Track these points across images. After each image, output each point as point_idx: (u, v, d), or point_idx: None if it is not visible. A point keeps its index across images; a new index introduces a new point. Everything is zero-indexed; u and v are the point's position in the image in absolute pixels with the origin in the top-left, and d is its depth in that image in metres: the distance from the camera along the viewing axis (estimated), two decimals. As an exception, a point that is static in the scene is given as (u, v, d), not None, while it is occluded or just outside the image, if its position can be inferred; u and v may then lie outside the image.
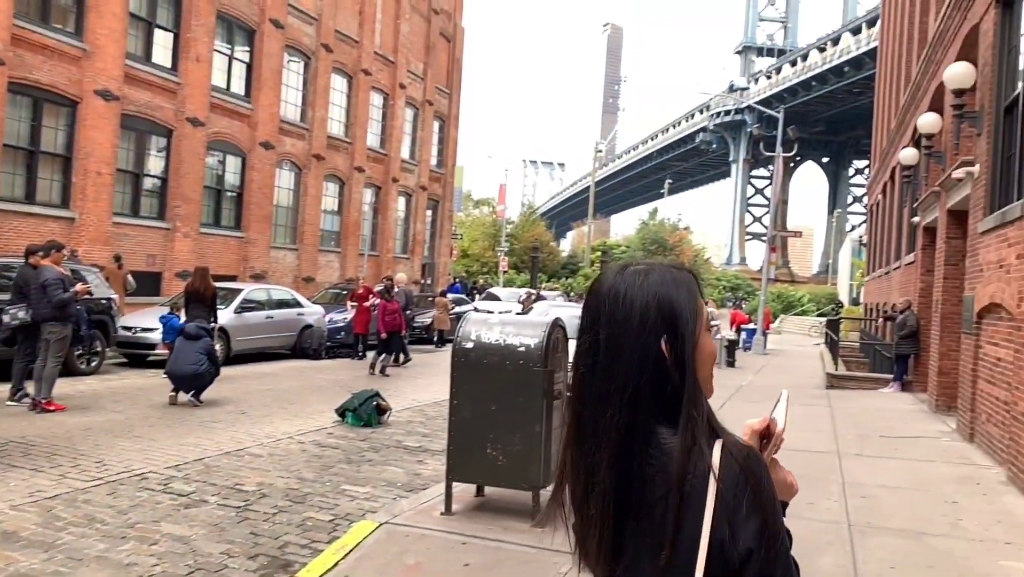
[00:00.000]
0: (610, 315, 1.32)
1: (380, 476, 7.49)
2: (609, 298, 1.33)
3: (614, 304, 1.32)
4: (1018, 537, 5.84)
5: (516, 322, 6.22)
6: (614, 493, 1.28)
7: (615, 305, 1.32)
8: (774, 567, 1.22)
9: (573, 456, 1.35)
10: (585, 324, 1.35)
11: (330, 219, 29.97)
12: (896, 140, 20.91)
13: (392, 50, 33.11)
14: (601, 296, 1.35)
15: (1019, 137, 8.60)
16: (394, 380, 14.31)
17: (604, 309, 1.33)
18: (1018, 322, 7.64)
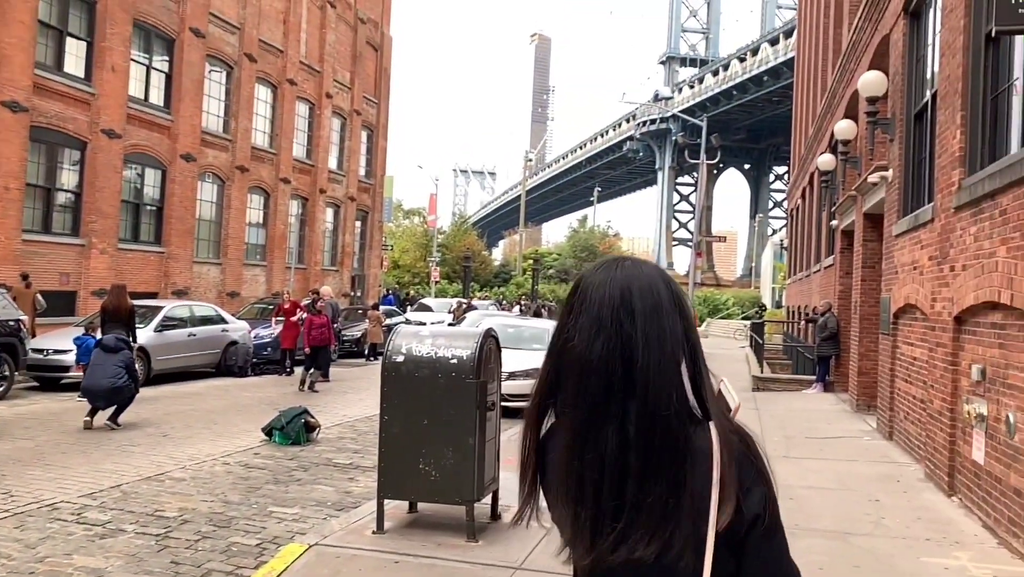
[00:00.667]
0: (645, 302, 1.36)
1: (309, 496, 7.28)
2: (630, 289, 1.37)
3: (647, 294, 1.37)
4: (937, 533, 6.02)
5: (447, 334, 6.13)
6: (633, 469, 1.30)
7: (646, 294, 1.37)
8: (775, 529, 1.33)
9: (572, 449, 1.35)
10: (606, 313, 1.35)
11: (255, 232, 29.28)
12: (814, 146, 21.61)
13: (318, 59, 32.63)
14: (609, 293, 1.37)
15: (929, 143, 8.95)
16: (324, 396, 14.00)
17: (626, 301, 1.36)
18: (932, 322, 7.92)
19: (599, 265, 1.45)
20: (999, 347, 6.07)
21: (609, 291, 1.37)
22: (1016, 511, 5.58)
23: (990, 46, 6.90)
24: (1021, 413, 5.57)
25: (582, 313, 1.37)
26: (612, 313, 1.35)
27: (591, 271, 1.43)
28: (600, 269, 1.43)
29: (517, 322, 16.94)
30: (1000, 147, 6.63)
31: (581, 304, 1.39)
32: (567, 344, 1.37)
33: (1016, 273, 5.55)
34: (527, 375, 13.02)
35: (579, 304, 1.39)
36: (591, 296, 1.38)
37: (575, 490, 1.34)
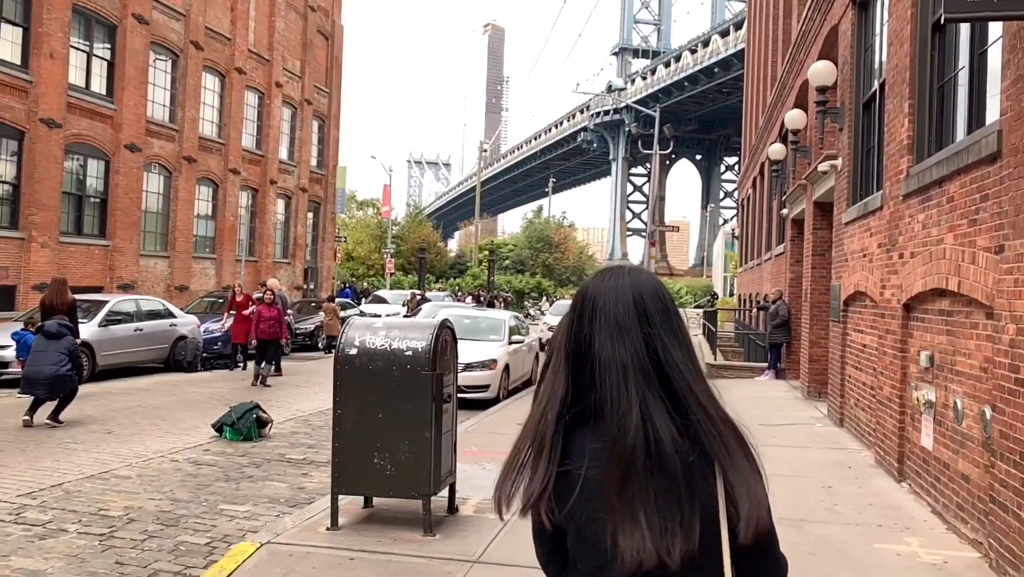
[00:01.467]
0: (657, 307, 1.49)
1: (261, 492, 7.11)
2: (642, 294, 1.49)
3: (654, 295, 1.50)
4: (888, 519, 6.12)
5: (402, 325, 6.02)
6: (663, 455, 1.38)
7: (655, 298, 1.50)
8: (768, 507, 1.45)
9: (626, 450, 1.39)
10: (625, 318, 1.46)
11: (204, 224, 28.63)
12: (764, 136, 21.89)
13: (267, 48, 31.98)
14: (623, 298, 1.48)
15: (877, 132, 9.08)
16: (277, 390, 13.75)
17: (640, 306, 1.48)
18: (881, 309, 8.05)
19: (603, 274, 1.55)
20: (946, 334, 6.18)
21: (623, 296, 1.48)
22: (964, 497, 5.69)
23: (936, 35, 7.00)
24: (968, 399, 5.67)
25: (597, 318, 1.47)
26: (629, 316, 1.46)
27: (597, 279, 1.54)
28: (607, 277, 1.53)
29: (473, 313, 16.86)
30: (947, 135, 6.74)
31: (594, 310, 1.48)
32: (589, 348, 1.46)
33: (963, 260, 5.64)
34: (483, 366, 12.96)
35: (592, 310, 1.49)
36: (605, 302, 1.48)
37: (638, 493, 1.36)
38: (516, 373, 14.37)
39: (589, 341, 1.47)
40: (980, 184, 5.39)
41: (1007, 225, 4.87)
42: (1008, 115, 4.91)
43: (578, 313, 1.51)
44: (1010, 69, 4.92)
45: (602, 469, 1.38)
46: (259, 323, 14.31)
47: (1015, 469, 4.66)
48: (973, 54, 6.05)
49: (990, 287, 5.13)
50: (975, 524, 5.47)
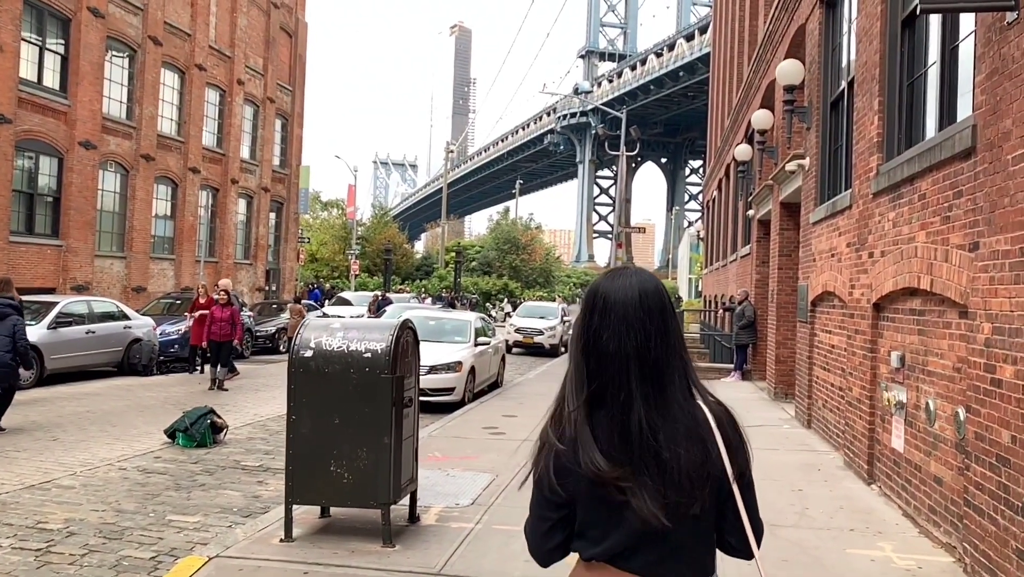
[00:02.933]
0: (656, 305, 1.71)
1: (213, 502, 6.79)
2: (646, 293, 1.71)
3: (655, 296, 1.72)
4: (860, 524, 5.99)
5: (360, 326, 5.74)
6: (675, 432, 1.64)
7: (656, 297, 1.72)
8: (752, 482, 1.71)
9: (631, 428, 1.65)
10: (631, 316, 1.68)
11: (162, 224, 27.96)
12: (730, 138, 21.93)
13: (229, 44, 31.36)
14: (630, 297, 1.70)
15: (845, 131, 9.02)
16: (234, 394, 13.35)
17: (644, 305, 1.70)
18: (850, 309, 7.96)
19: (612, 274, 1.76)
20: (918, 333, 6.08)
21: (630, 294, 1.70)
22: (936, 499, 5.59)
23: (906, 31, 6.92)
24: (941, 400, 5.57)
25: (609, 314, 1.69)
26: (635, 313, 1.68)
27: (605, 280, 1.76)
28: (616, 277, 1.74)
29: (438, 315, 16.58)
30: (917, 132, 6.65)
31: (605, 307, 1.70)
32: (598, 340, 1.69)
33: (936, 258, 5.54)
34: (448, 368, 12.70)
35: (603, 307, 1.70)
36: (615, 300, 1.70)
37: (640, 466, 1.62)
38: (482, 376, 14.13)
39: (598, 334, 1.70)
40: (953, 180, 5.29)
41: (982, 222, 4.76)
42: (983, 109, 4.81)
43: (590, 309, 1.73)
44: (985, 62, 4.81)
45: (611, 446, 1.63)
46: (211, 324, 13.88)
47: (991, 472, 4.54)
48: (944, 50, 5.96)
49: (964, 285, 5.02)
50: (948, 527, 5.36)
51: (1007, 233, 4.42)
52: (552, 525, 1.71)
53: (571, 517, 1.70)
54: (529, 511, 1.77)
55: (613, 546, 1.65)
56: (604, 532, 1.66)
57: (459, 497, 6.53)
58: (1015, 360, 4.28)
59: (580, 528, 1.70)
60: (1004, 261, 4.44)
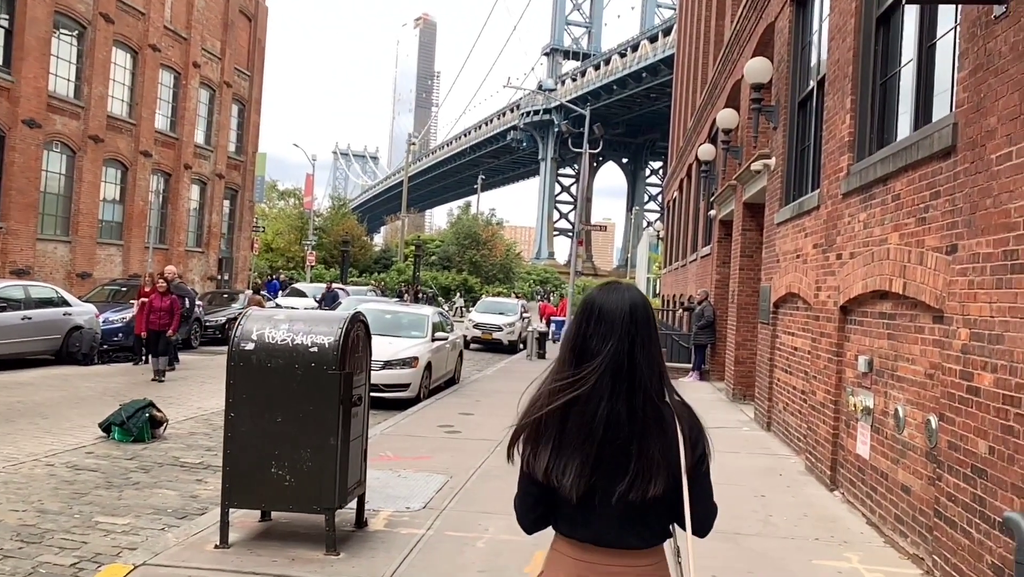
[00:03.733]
0: (642, 317, 1.97)
1: (147, 502, 6.36)
2: (635, 306, 1.97)
3: (643, 310, 1.98)
4: (824, 532, 5.81)
5: (307, 318, 5.37)
6: (645, 426, 1.90)
7: (643, 310, 1.98)
8: (709, 470, 1.98)
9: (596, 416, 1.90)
10: (619, 325, 1.93)
11: (111, 208, 27.06)
12: (693, 138, 21.87)
13: (185, 26, 30.47)
14: (620, 308, 1.95)
15: (814, 131, 8.88)
16: (178, 386, 12.81)
17: (633, 316, 1.95)
18: (816, 311, 7.81)
19: (606, 288, 2.03)
20: (888, 338, 5.91)
21: (621, 307, 1.95)
22: (903, 509, 5.42)
23: (881, 29, 6.76)
24: (911, 407, 5.40)
25: (602, 322, 1.94)
26: (622, 323, 1.92)
27: (602, 292, 2.01)
28: (610, 291, 2.00)
29: (394, 308, 16.17)
30: (890, 132, 6.50)
31: (600, 316, 1.95)
32: (587, 345, 1.93)
33: (910, 260, 5.37)
34: (404, 364, 12.33)
35: (597, 316, 1.95)
36: (608, 310, 1.95)
37: (607, 448, 1.87)
38: (439, 372, 13.79)
39: (588, 337, 1.94)
40: (931, 181, 5.11)
41: (961, 224, 4.59)
42: (964, 107, 4.63)
43: (585, 316, 1.98)
44: (968, 58, 4.63)
45: (580, 435, 1.89)
46: (150, 313, 13.29)
47: (965, 483, 4.37)
48: (921, 47, 5.80)
49: (940, 289, 4.85)
50: (916, 538, 5.20)
51: (989, 236, 4.24)
52: (535, 499, 1.97)
53: (550, 492, 1.94)
54: (517, 485, 2.03)
55: (582, 525, 1.93)
56: (571, 514, 1.93)
57: (410, 500, 6.21)
58: (995, 368, 4.11)
59: (554, 507, 1.97)
60: (985, 265, 4.26)
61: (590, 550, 1.93)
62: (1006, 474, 3.93)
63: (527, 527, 2.04)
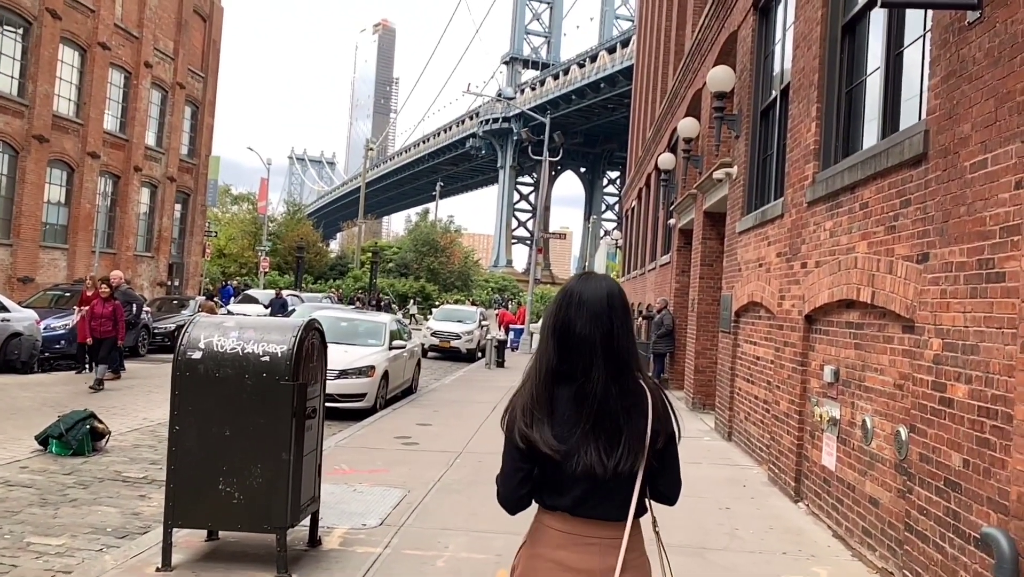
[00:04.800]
0: (619, 303, 2.13)
1: (85, 520, 5.99)
2: (611, 294, 2.13)
3: (619, 297, 2.14)
4: (791, 546, 5.70)
5: (259, 326, 5.09)
6: (619, 401, 2.05)
7: (619, 298, 2.15)
8: (676, 444, 2.14)
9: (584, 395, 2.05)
10: (600, 310, 2.09)
11: (55, 211, 26.17)
12: (652, 148, 21.93)
13: (136, 24, 29.70)
14: (599, 296, 2.11)
15: (777, 139, 8.85)
16: (123, 395, 12.31)
17: (610, 303, 2.11)
18: (779, 320, 7.75)
19: (583, 277, 2.18)
20: (855, 348, 5.84)
21: (599, 295, 2.11)
22: (871, 521, 5.34)
23: (847, 37, 6.73)
24: (879, 418, 5.32)
25: (582, 308, 2.09)
26: (602, 309, 2.09)
27: (580, 281, 2.17)
28: (587, 281, 2.16)
29: (351, 316, 15.82)
30: (856, 140, 6.46)
31: (580, 303, 2.10)
32: (570, 329, 2.08)
33: (878, 269, 5.30)
34: (360, 373, 12.02)
35: (577, 303, 2.10)
36: (587, 298, 2.11)
37: (603, 424, 2.02)
38: (396, 381, 13.49)
39: (571, 324, 2.06)
40: (901, 188, 5.05)
41: (933, 232, 4.52)
42: (937, 114, 4.56)
43: (564, 304, 2.10)
44: (940, 65, 4.57)
45: (573, 411, 2.02)
46: (91, 320, 12.75)
47: (938, 496, 4.28)
48: (889, 55, 5.75)
49: (911, 298, 4.77)
50: (884, 552, 5.11)
51: (962, 244, 4.16)
52: (526, 474, 2.06)
53: (541, 467, 2.05)
54: (502, 464, 2.10)
55: (572, 496, 2.02)
56: (560, 486, 2.03)
57: (366, 517, 5.94)
58: (969, 379, 4.02)
59: (541, 482, 2.07)
60: (959, 273, 4.18)
61: (576, 522, 2.03)
62: (982, 488, 3.84)
63: (513, 505, 2.10)
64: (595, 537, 2.02)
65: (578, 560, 2.02)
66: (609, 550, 2.02)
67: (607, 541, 2.03)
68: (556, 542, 2.04)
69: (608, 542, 2.03)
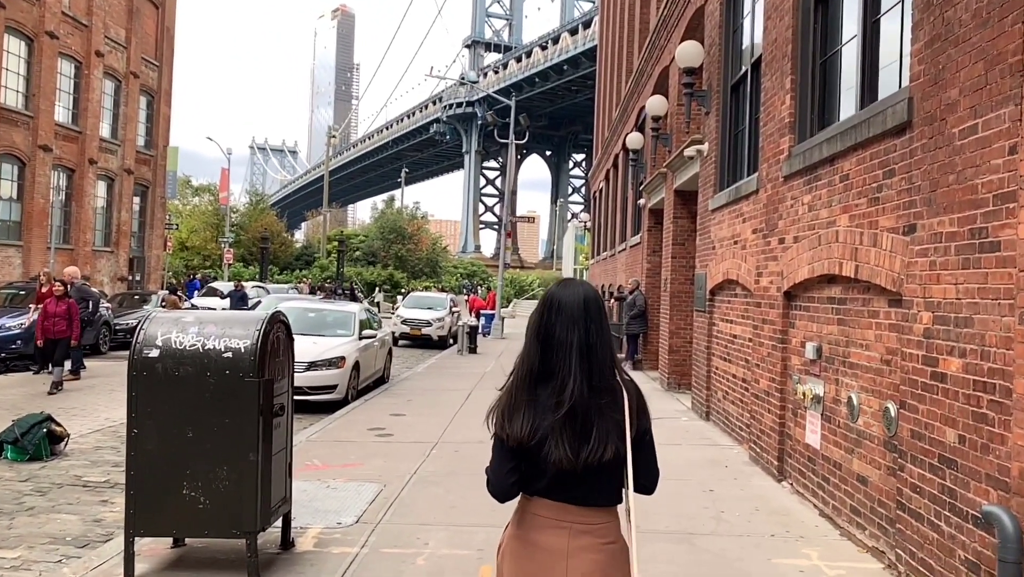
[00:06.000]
0: (595, 308, 2.29)
1: (42, 530, 5.69)
2: (587, 299, 2.29)
3: (595, 302, 2.30)
4: (779, 528, 5.59)
5: (220, 320, 4.81)
6: (589, 398, 2.19)
7: (595, 303, 2.30)
8: (652, 437, 2.30)
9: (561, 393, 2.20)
10: (577, 315, 2.25)
11: (7, 207, 25.36)
12: (619, 128, 21.76)
13: (85, 12, 28.76)
14: (576, 302, 2.28)
15: (749, 114, 8.70)
16: (84, 395, 11.89)
17: (587, 306, 2.28)
18: (757, 298, 7.63)
19: (564, 283, 2.38)
20: (838, 323, 5.72)
21: (576, 300, 2.29)
22: (860, 500, 5.23)
23: (820, 7, 6.58)
24: (866, 394, 5.21)
25: (561, 313, 2.26)
26: (579, 314, 2.27)
27: (560, 288, 2.35)
28: (567, 286, 2.35)
29: (319, 306, 15.48)
30: (832, 111, 6.32)
31: (559, 309, 2.28)
32: (551, 332, 2.25)
33: (861, 242, 5.17)
34: (330, 364, 11.74)
35: (556, 309, 2.28)
36: (565, 304, 2.28)
37: (574, 419, 2.17)
38: (367, 371, 13.22)
39: (551, 327, 2.27)
40: (884, 159, 4.91)
41: (920, 202, 4.38)
42: (921, 80, 4.42)
43: (547, 309, 2.30)
44: (923, 29, 4.43)
45: (550, 407, 2.19)
46: (44, 320, 12.27)
47: (932, 474, 4.17)
48: (866, 23, 5.60)
49: (897, 271, 4.64)
50: (875, 530, 5.01)
51: (952, 213, 4.03)
52: (513, 466, 2.19)
53: (525, 458, 2.19)
54: (491, 456, 2.26)
55: (546, 484, 2.18)
56: (538, 474, 2.18)
57: (341, 514, 5.71)
58: (963, 352, 3.90)
59: (528, 471, 2.20)
60: (949, 244, 4.05)
61: (555, 508, 2.20)
62: (980, 465, 3.73)
63: (503, 494, 2.25)
64: (567, 521, 2.19)
65: (549, 541, 2.20)
66: (579, 533, 2.19)
67: (579, 525, 2.19)
68: (533, 524, 2.22)
69: (579, 527, 2.19)
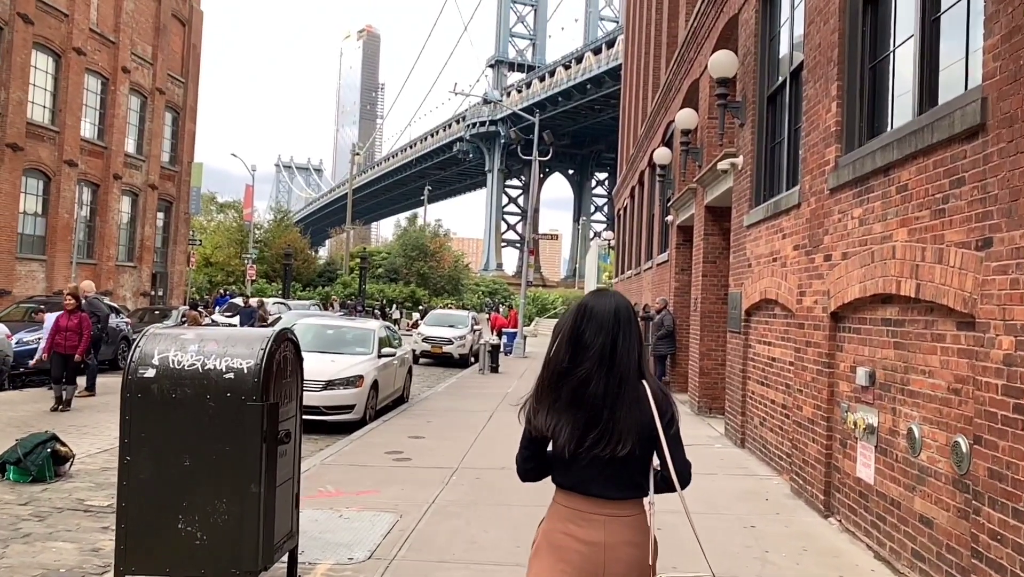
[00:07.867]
0: (625, 316, 2.46)
1: (36, 559, 5.32)
2: (619, 308, 2.47)
3: (625, 311, 2.47)
4: (831, 569, 5.10)
5: (222, 337, 4.44)
6: (617, 399, 2.37)
7: (626, 311, 2.47)
8: (680, 434, 2.45)
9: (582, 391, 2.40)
10: (606, 321, 2.43)
11: (32, 221, 25.41)
12: (645, 144, 21.36)
13: (113, 29, 28.96)
14: (608, 310, 2.45)
15: (788, 125, 8.27)
16: (94, 413, 11.60)
17: (616, 316, 2.44)
18: (800, 319, 7.15)
19: (597, 293, 2.54)
20: (894, 347, 5.24)
21: (607, 308, 2.46)
22: (923, 543, 4.73)
23: (869, 7, 6.15)
24: (930, 426, 4.73)
25: (592, 320, 2.44)
26: (608, 321, 2.44)
27: (594, 297, 2.52)
28: (599, 297, 2.51)
29: (338, 323, 15.16)
30: (883, 118, 5.88)
31: (590, 316, 2.44)
32: (582, 336, 2.42)
33: (923, 259, 4.70)
34: (348, 384, 11.37)
35: (589, 316, 2.45)
36: (597, 312, 2.45)
37: (584, 413, 2.36)
38: (386, 391, 12.83)
39: (583, 331, 2.44)
40: (950, 167, 4.45)
41: (997, 213, 3.92)
42: (997, 78, 3.97)
43: (580, 315, 2.48)
44: (998, 22, 3.99)
45: (574, 403, 2.37)
46: (55, 334, 12.02)
47: (1016, 520, 3.68)
48: (924, 21, 5.17)
49: (969, 290, 4.17)
50: (941, 579, 4.50)
51: (1039, 225, 3.57)
52: (532, 453, 2.49)
53: (542, 451, 2.48)
54: (520, 443, 2.53)
55: (574, 477, 2.39)
56: (566, 467, 2.40)
57: (354, 548, 5.30)
58: (1054, 383, 3.42)
59: (552, 463, 2.46)
60: (1035, 260, 3.59)
61: (578, 499, 2.37)
62: (1078, 513, 3.24)
63: (522, 475, 2.53)
64: (595, 513, 2.34)
65: (585, 533, 2.34)
66: (612, 525, 2.34)
67: (609, 517, 2.34)
68: (565, 516, 2.38)
69: (610, 518, 2.34)
